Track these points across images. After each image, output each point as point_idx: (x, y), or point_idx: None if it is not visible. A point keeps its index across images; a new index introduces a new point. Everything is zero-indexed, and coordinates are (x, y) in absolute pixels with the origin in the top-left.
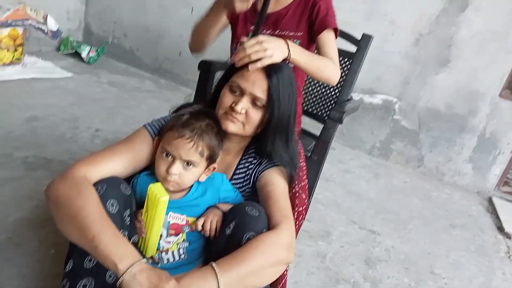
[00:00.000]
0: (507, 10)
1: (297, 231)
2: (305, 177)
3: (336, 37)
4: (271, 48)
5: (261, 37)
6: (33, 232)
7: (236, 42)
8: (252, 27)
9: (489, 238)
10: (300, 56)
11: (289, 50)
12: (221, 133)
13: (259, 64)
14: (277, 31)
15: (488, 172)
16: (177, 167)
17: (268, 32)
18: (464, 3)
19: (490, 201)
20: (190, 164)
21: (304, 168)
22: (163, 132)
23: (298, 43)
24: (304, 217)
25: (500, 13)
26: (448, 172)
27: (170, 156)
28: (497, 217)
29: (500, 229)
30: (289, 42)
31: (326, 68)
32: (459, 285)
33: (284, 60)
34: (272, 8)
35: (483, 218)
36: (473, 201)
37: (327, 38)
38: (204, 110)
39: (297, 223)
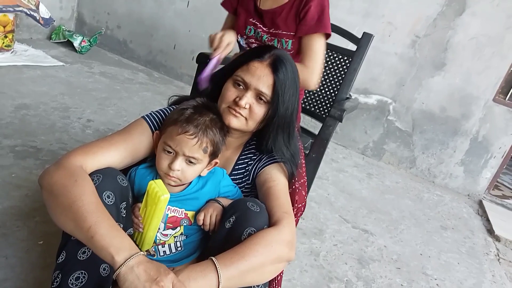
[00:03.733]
0: (503, 16)
1: (296, 223)
2: (304, 173)
3: (326, 39)
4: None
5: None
6: (21, 221)
7: (239, 35)
8: (251, 19)
9: (479, 241)
10: None
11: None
12: (224, 128)
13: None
14: (272, 29)
15: (479, 175)
16: (179, 163)
17: (265, 29)
18: (461, 7)
19: (480, 204)
20: (193, 160)
21: (303, 164)
22: (164, 125)
23: (290, 43)
24: (302, 213)
25: (496, 18)
26: (439, 174)
27: (173, 152)
28: (487, 220)
29: (490, 231)
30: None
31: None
32: (450, 287)
33: None
34: (269, 5)
35: (474, 220)
36: (463, 203)
37: (313, 43)
38: (207, 104)
39: (295, 219)
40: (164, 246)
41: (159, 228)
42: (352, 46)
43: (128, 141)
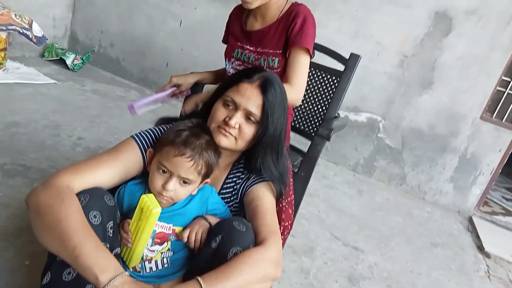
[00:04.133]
0: (488, 36)
1: (282, 245)
2: (291, 192)
3: (311, 57)
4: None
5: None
6: (7, 241)
7: (227, 59)
8: (239, 43)
9: (470, 258)
10: None
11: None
12: (218, 150)
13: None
14: (259, 48)
15: (468, 192)
16: (173, 184)
17: (252, 48)
18: (448, 28)
19: (470, 220)
20: (187, 182)
21: (291, 183)
22: (160, 145)
23: (276, 61)
24: (289, 232)
25: (481, 39)
26: (429, 191)
27: (168, 172)
28: (477, 237)
29: (480, 248)
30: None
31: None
32: None
33: None
34: (257, 26)
35: (464, 237)
36: (453, 220)
37: (295, 57)
38: (202, 125)
39: (282, 237)
40: (150, 262)
41: (146, 244)
42: (341, 66)
43: (117, 160)
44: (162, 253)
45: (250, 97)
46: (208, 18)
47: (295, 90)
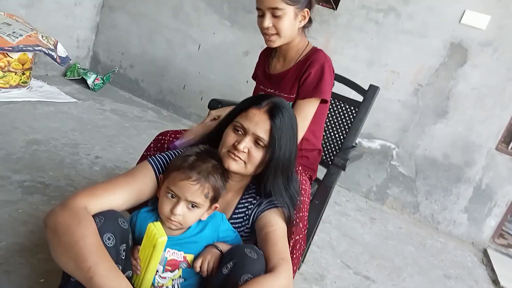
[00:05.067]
0: (503, 68)
1: (297, 259)
2: (306, 208)
3: (325, 103)
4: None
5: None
6: (24, 258)
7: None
8: (261, 86)
9: None
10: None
11: None
12: (225, 174)
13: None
14: (277, 91)
15: (483, 223)
16: (181, 208)
17: (271, 91)
18: (463, 59)
19: (485, 252)
20: (195, 206)
21: (306, 218)
22: (168, 171)
23: (290, 105)
24: (303, 248)
25: (497, 70)
26: (443, 220)
27: (175, 197)
28: (492, 270)
29: (495, 282)
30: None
31: None
32: None
33: None
34: (279, 67)
35: (478, 270)
36: (467, 251)
37: (305, 106)
38: (209, 151)
39: (294, 251)
40: None
41: (157, 271)
42: (355, 94)
43: (132, 184)
44: (173, 280)
45: (258, 122)
46: (226, 43)
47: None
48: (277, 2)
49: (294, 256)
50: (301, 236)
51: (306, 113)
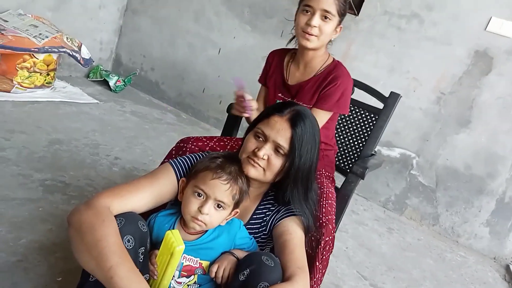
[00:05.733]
0: None
1: (326, 260)
2: (333, 211)
3: (345, 114)
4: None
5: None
6: (43, 256)
7: (268, 104)
8: (279, 94)
9: None
10: None
11: None
12: (248, 180)
13: None
14: (295, 100)
15: (506, 238)
16: (209, 207)
17: (288, 99)
18: (488, 67)
19: (507, 269)
20: (221, 206)
21: (334, 203)
22: (195, 172)
23: None
24: (332, 249)
25: None
26: (464, 233)
27: (203, 196)
28: None
29: None
30: None
31: None
32: None
33: None
34: (297, 79)
35: (500, 286)
36: (489, 267)
37: (321, 115)
38: (233, 155)
39: (324, 252)
40: None
41: (173, 276)
42: (375, 101)
43: (154, 186)
44: (188, 285)
45: (279, 130)
46: (246, 47)
47: None
48: (332, 7)
49: (324, 257)
50: (330, 237)
51: (320, 121)
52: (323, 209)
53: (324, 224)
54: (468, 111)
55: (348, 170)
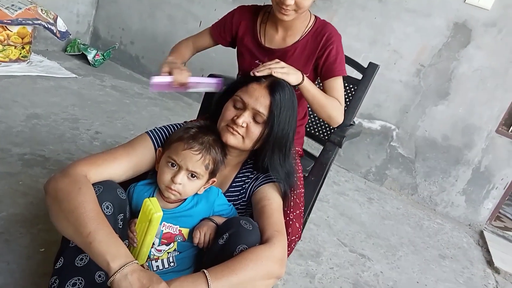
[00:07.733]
0: (507, 50)
1: (294, 234)
2: (302, 204)
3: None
4: (288, 68)
5: (281, 62)
6: (25, 228)
7: (242, 72)
8: (257, 61)
9: (478, 272)
10: (311, 87)
11: (303, 79)
12: (224, 149)
13: (272, 72)
14: None
15: (480, 205)
16: (182, 177)
17: None
18: (466, 40)
19: (481, 234)
20: (194, 176)
21: (302, 194)
22: (169, 142)
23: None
24: (295, 245)
25: (500, 52)
26: (441, 202)
27: (176, 166)
28: (487, 251)
29: (490, 263)
30: (305, 76)
31: (332, 108)
32: None
33: (295, 86)
34: (278, 44)
35: (473, 251)
36: (464, 233)
37: (335, 84)
38: (209, 125)
39: (288, 249)
40: (157, 261)
41: (153, 244)
42: (357, 73)
43: (131, 155)
44: (168, 253)
45: (258, 97)
46: None
47: (342, 110)
48: None
49: (291, 230)
50: (296, 236)
51: (341, 89)
52: (291, 203)
53: (290, 222)
54: (447, 83)
55: (326, 139)
